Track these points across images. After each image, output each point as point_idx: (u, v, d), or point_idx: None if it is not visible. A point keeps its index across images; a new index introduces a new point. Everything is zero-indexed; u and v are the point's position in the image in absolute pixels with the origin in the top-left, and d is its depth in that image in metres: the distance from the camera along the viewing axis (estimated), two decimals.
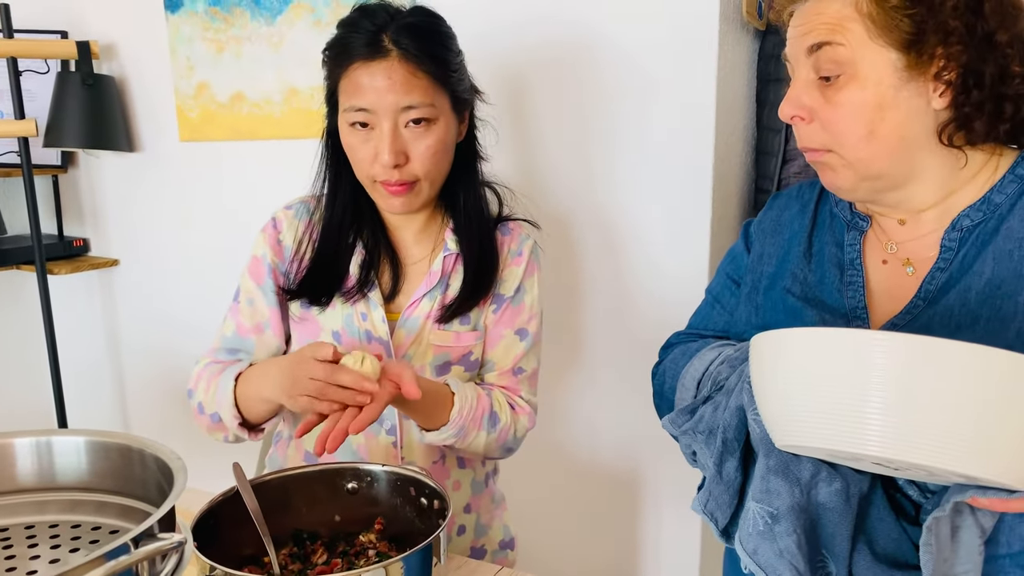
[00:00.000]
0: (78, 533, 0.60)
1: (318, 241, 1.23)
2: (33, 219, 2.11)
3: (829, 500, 0.82)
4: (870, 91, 0.87)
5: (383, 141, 1.12)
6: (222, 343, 1.27)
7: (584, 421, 1.77)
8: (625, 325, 1.68)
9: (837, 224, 1.03)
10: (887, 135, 0.88)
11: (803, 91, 0.92)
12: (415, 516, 1.03)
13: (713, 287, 1.17)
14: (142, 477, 0.60)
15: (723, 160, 1.58)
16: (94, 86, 2.08)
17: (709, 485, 0.92)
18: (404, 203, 1.17)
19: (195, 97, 2.04)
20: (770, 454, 0.84)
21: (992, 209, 0.91)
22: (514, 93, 1.68)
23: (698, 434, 0.95)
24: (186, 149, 2.12)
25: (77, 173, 2.36)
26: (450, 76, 1.15)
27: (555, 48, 1.62)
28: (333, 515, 1.06)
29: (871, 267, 0.98)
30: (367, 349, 1.21)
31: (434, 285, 1.22)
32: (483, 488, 1.34)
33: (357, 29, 1.13)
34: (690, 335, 1.17)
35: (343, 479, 1.05)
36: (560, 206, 1.69)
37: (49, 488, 0.62)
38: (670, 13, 1.50)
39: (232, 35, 1.96)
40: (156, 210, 2.24)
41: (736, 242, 1.17)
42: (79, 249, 2.37)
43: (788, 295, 1.01)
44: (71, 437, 0.62)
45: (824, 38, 0.88)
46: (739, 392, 0.90)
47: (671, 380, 1.09)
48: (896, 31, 0.86)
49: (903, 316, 0.92)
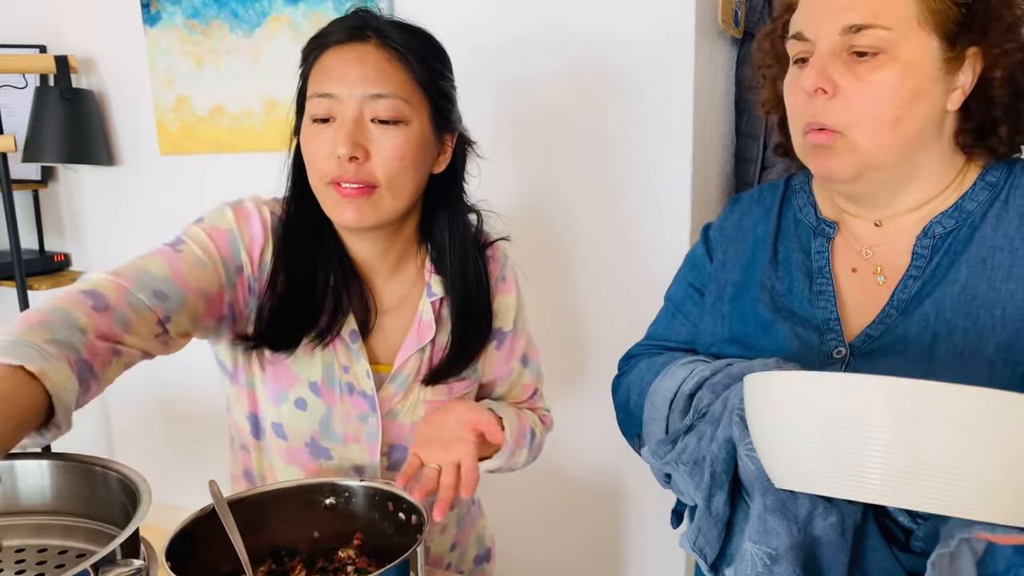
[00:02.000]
0: (44, 558, 0.60)
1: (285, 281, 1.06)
2: (12, 234, 2.09)
3: (825, 534, 0.80)
4: (910, 77, 0.83)
5: (341, 129, 0.99)
6: (144, 278, 0.96)
7: (568, 435, 1.77)
8: (607, 336, 1.68)
9: (802, 230, 1.01)
10: (910, 126, 0.85)
11: (830, 62, 0.85)
12: (393, 531, 1.03)
13: (673, 295, 1.12)
14: (106, 499, 0.59)
15: (702, 167, 1.58)
16: (73, 100, 2.07)
17: (698, 521, 0.89)
18: (357, 212, 1.01)
19: (174, 110, 2.04)
20: (767, 492, 0.81)
21: (964, 216, 0.90)
22: (491, 110, 1.68)
23: (681, 465, 0.91)
24: (166, 163, 2.12)
25: (57, 187, 2.34)
26: (433, 81, 1.04)
27: (532, 60, 1.63)
28: (311, 531, 1.05)
29: (840, 275, 0.96)
30: (348, 403, 1.11)
31: (427, 340, 1.12)
32: (464, 517, 1.30)
33: (341, 21, 1.05)
34: (652, 347, 1.12)
35: (321, 495, 1.04)
36: (537, 215, 1.69)
37: (14, 512, 0.61)
38: (646, 23, 1.51)
39: (211, 48, 1.95)
40: (137, 224, 2.23)
41: (695, 247, 1.12)
42: (60, 264, 2.35)
43: (757, 304, 0.99)
44: (33, 461, 0.61)
45: (867, 20, 0.83)
46: (727, 424, 0.87)
47: (637, 396, 1.06)
48: (944, 18, 0.83)
49: (877, 327, 0.91)
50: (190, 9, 1.95)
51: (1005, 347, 0.83)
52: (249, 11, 1.89)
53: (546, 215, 1.68)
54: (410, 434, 1.14)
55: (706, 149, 1.59)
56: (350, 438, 1.13)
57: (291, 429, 1.13)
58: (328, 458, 1.15)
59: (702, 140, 1.56)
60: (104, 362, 0.85)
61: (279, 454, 1.17)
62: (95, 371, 0.83)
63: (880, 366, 0.89)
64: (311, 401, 1.11)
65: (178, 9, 1.97)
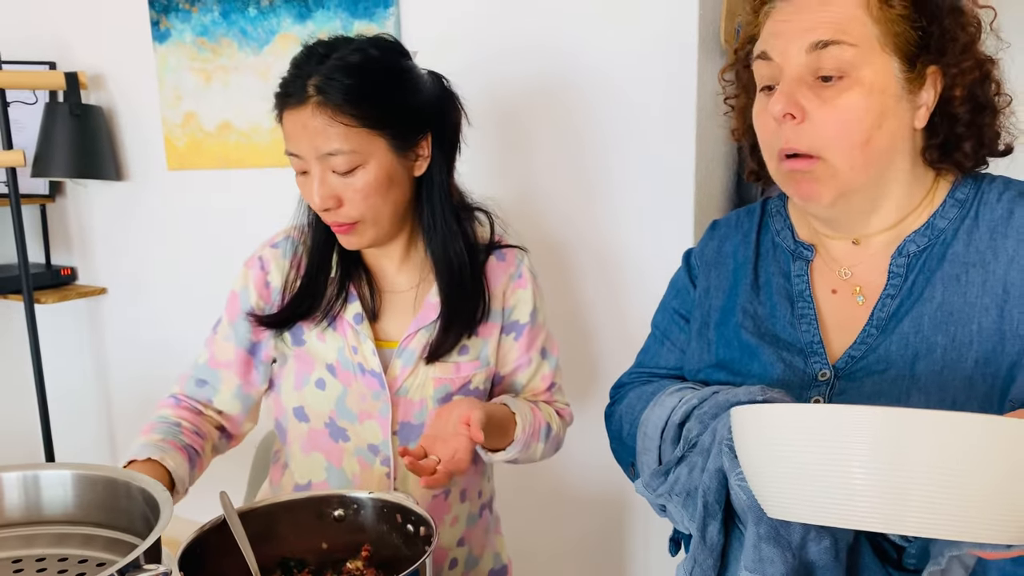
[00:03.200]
0: (65, 567, 0.61)
1: (304, 272, 1.23)
2: (20, 249, 2.11)
3: (819, 559, 0.81)
4: (875, 98, 0.85)
5: (312, 186, 1.11)
6: (194, 371, 1.27)
7: (572, 447, 1.78)
8: (612, 349, 1.69)
9: (781, 254, 1.02)
10: (880, 146, 0.87)
11: (797, 88, 0.86)
12: (402, 543, 1.04)
13: (660, 322, 1.14)
14: (128, 509, 0.60)
15: (704, 185, 1.60)
16: (82, 116, 2.10)
17: (694, 551, 0.90)
18: (351, 242, 1.17)
19: (183, 126, 2.06)
20: (760, 521, 0.82)
21: (936, 234, 0.92)
22: (497, 119, 1.70)
23: (674, 496, 0.93)
24: (174, 178, 2.14)
25: (65, 202, 2.37)
26: (384, 118, 1.11)
27: (537, 76, 1.65)
28: (320, 542, 1.06)
29: (821, 297, 0.97)
30: (361, 382, 1.21)
31: (432, 319, 1.21)
32: (477, 519, 1.33)
33: (290, 73, 1.13)
34: (642, 374, 1.13)
35: (330, 506, 1.06)
36: (543, 232, 1.71)
37: (36, 522, 0.63)
38: (650, 42, 1.53)
39: (219, 65, 1.98)
40: (143, 239, 2.25)
41: (678, 273, 1.13)
42: (67, 278, 2.37)
43: (741, 330, 1.00)
44: (58, 471, 0.62)
45: (832, 36, 0.84)
46: (716, 454, 0.88)
47: (629, 426, 1.07)
48: (903, 40, 0.85)
49: (859, 347, 0.92)
50: (199, 27, 1.98)
51: (983, 361, 0.84)
52: (258, 29, 1.92)
53: (549, 232, 1.70)
54: (419, 412, 1.22)
55: (708, 167, 1.61)
56: (364, 416, 1.22)
57: (311, 410, 1.24)
58: (346, 439, 1.24)
59: (704, 158, 1.58)
60: (199, 444, 1.20)
61: (300, 444, 1.28)
62: (197, 451, 1.18)
63: (865, 386, 0.90)
64: (329, 381, 1.22)
65: (187, 27, 2.00)
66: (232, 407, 1.27)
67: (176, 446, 1.14)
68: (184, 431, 1.19)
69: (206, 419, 1.26)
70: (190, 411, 1.24)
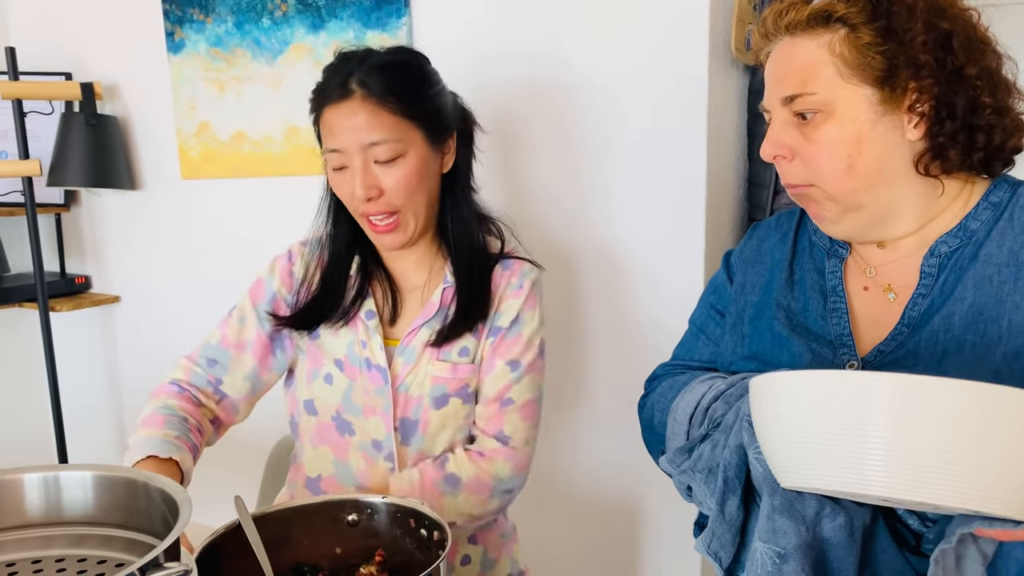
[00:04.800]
0: (84, 567, 0.61)
1: (324, 271, 1.28)
2: (36, 258, 2.13)
3: (833, 535, 0.82)
4: (847, 127, 0.90)
5: (355, 178, 1.17)
6: (203, 350, 1.31)
7: (585, 452, 1.78)
8: (625, 356, 1.69)
9: (817, 252, 1.06)
10: (866, 168, 0.91)
11: (782, 131, 0.95)
12: (415, 547, 1.04)
13: (697, 317, 1.18)
14: (147, 510, 0.61)
15: (715, 192, 1.61)
16: (97, 126, 2.12)
17: (712, 525, 0.91)
18: (393, 240, 1.22)
19: (197, 136, 2.08)
20: (774, 493, 0.84)
21: (968, 235, 0.94)
22: (507, 127, 1.71)
23: (697, 473, 0.94)
24: (187, 187, 2.15)
25: (79, 211, 2.38)
26: (420, 110, 1.19)
27: (548, 84, 1.66)
28: (333, 547, 1.07)
29: (853, 294, 1.00)
30: (366, 377, 1.25)
31: (432, 315, 1.25)
32: (491, 523, 1.34)
33: (329, 75, 1.20)
34: (676, 367, 1.16)
35: (343, 511, 1.06)
36: (556, 239, 1.71)
37: (56, 523, 0.63)
38: (660, 50, 1.54)
39: (233, 75, 2.00)
40: (157, 247, 2.26)
41: (718, 272, 1.17)
42: (81, 286, 2.39)
43: (774, 323, 1.03)
44: (78, 472, 0.63)
45: (796, 90, 0.92)
46: (738, 431, 0.90)
47: (660, 414, 1.09)
48: (869, 68, 0.89)
49: (889, 343, 0.94)
50: (213, 37, 2.00)
51: (1011, 356, 0.86)
52: (271, 40, 1.94)
53: (560, 240, 1.71)
54: (417, 408, 1.25)
55: (719, 174, 1.62)
56: (368, 410, 1.26)
57: (320, 403, 1.29)
58: (351, 433, 1.27)
59: (715, 166, 1.59)
60: (199, 441, 1.24)
61: (309, 438, 1.32)
62: (198, 448, 1.23)
63: None
64: (336, 376, 1.26)
65: (201, 38, 2.01)
66: (239, 389, 1.30)
67: (187, 445, 1.19)
68: (191, 428, 1.23)
69: (204, 412, 1.29)
70: (192, 403, 1.28)
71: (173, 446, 1.15)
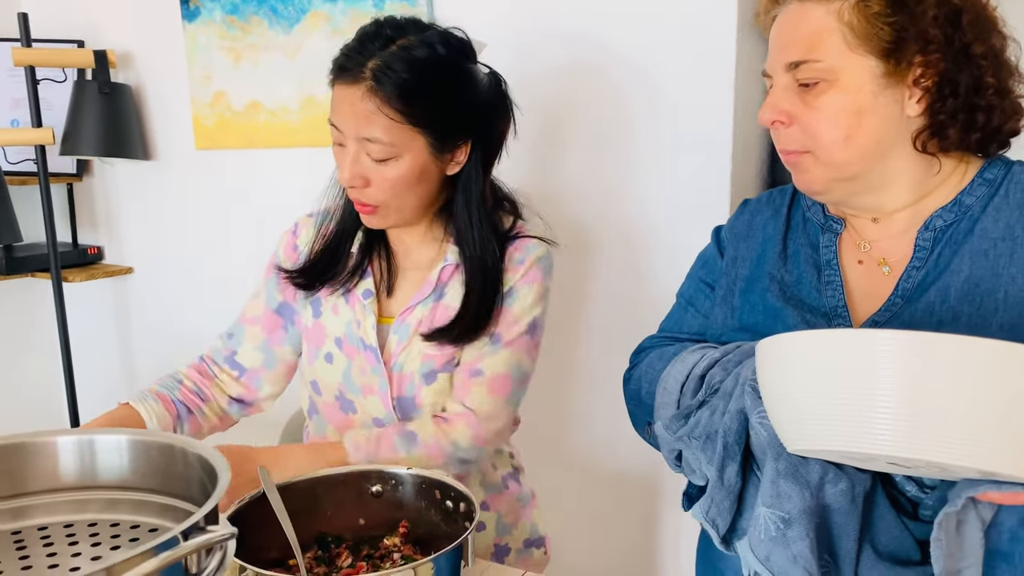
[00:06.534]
0: (117, 531, 0.60)
1: (328, 240, 1.27)
2: (49, 227, 2.12)
3: (835, 501, 0.83)
4: (850, 97, 0.91)
5: (345, 162, 1.14)
6: (230, 324, 1.35)
7: (602, 424, 1.77)
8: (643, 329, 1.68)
9: (811, 227, 1.06)
10: (863, 139, 0.92)
11: (782, 96, 0.95)
12: (440, 519, 1.03)
13: (685, 290, 1.18)
14: (185, 475, 0.60)
15: (740, 165, 1.59)
16: (111, 95, 2.10)
17: (711, 491, 0.92)
18: (372, 221, 1.20)
19: (211, 105, 2.06)
20: (779, 458, 0.84)
21: (963, 211, 0.95)
22: (530, 102, 1.69)
23: (693, 439, 0.94)
24: (202, 157, 2.14)
25: (92, 181, 2.37)
26: (429, 118, 1.12)
27: (573, 57, 1.63)
28: (357, 518, 1.06)
29: (847, 267, 1.01)
30: (363, 356, 1.23)
31: (428, 294, 1.22)
32: (502, 489, 1.34)
33: (352, 47, 1.13)
34: (664, 339, 1.16)
35: (368, 482, 1.06)
36: (581, 215, 1.69)
37: (90, 487, 0.62)
38: (687, 20, 1.51)
39: (249, 44, 1.97)
40: (171, 218, 2.25)
41: (707, 246, 1.18)
42: (93, 257, 2.38)
43: (767, 295, 1.03)
44: (113, 436, 0.62)
45: (801, 56, 0.92)
46: (739, 395, 0.90)
47: (648, 385, 1.09)
48: (876, 39, 0.89)
49: (883, 313, 0.95)
50: (229, 5, 1.97)
51: (1008, 327, 0.87)
52: (288, 7, 1.91)
53: (584, 217, 1.69)
54: (410, 385, 1.23)
55: (745, 147, 1.59)
56: (367, 390, 1.25)
57: (323, 383, 1.28)
58: (354, 411, 1.27)
59: (740, 138, 1.56)
60: (194, 404, 1.29)
61: (316, 418, 1.33)
62: (190, 409, 1.28)
63: None
64: (336, 355, 1.26)
65: (217, 5, 1.99)
66: (254, 360, 1.32)
67: (165, 398, 1.25)
68: (183, 388, 1.29)
69: (216, 383, 1.32)
70: (202, 374, 1.32)
71: (146, 395, 1.25)
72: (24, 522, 0.59)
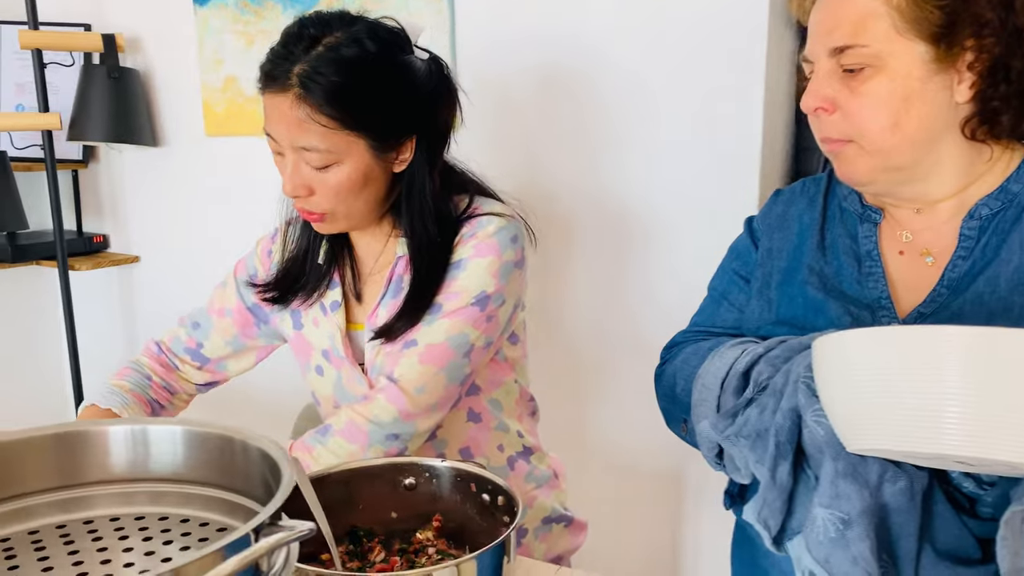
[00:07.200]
0: (167, 526, 0.58)
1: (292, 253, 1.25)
2: (56, 215, 2.08)
3: (895, 500, 0.80)
4: (898, 83, 0.88)
5: (286, 172, 1.10)
6: (194, 313, 1.34)
7: (627, 418, 1.75)
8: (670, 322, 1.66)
9: (848, 217, 1.04)
10: (911, 127, 0.89)
11: (825, 82, 0.92)
12: (476, 512, 1.01)
13: (718, 284, 1.15)
14: (244, 469, 0.57)
15: (768, 158, 1.57)
16: (120, 79, 2.06)
17: (763, 492, 0.89)
18: (322, 228, 1.17)
19: (223, 91, 2.02)
20: (838, 457, 0.82)
21: (1009, 198, 0.93)
22: (558, 89, 1.66)
23: (741, 439, 0.91)
24: (212, 144, 2.10)
25: (97, 168, 2.33)
26: (367, 120, 1.07)
27: (602, 49, 1.61)
28: (389, 512, 1.03)
29: (888, 258, 0.99)
30: (348, 367, 1.22)
31: (385, 292, 1.20)
32: (508, 471, 1.31)
33: (276, 52, 1.08)
34: (698, 333, 1.14)
35: (401, 474, 1.03)
36: (607, 202, 1.67)
37: (139, 479, 0.60)
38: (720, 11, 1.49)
39: (263, 28, 1.93)
40: (179, 206, 2.21)
41: (740, 238, 1.15)
42: (98, 245, 2.34)
43: (807, 287, 1.01)
44: (167, 426, 0.59)
45: (847, 41, 0.88)
46: (792, 394, 0.87)
47: (684, 381, 1.06)
48: (926, 23, 0.87)
49: (928, 304, 0.93)
50: None
51: None
52: None
53: (611, 207, 1.67)
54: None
55: (773, 138, 1.57)
56: (361, 399, 1.19)
57: (320, 394, 1.27)
58: None
59: (771, 129, 1.54)
60: (165, 399, 1.29)
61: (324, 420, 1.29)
62: (162, 404, 1.28)
63: None
64: (325, 368, 1.24)
65: None
66: (222, 351, 1.32)
67: (139, 398, 1.23)
68: (153, 385, 1.28)
69: (180, 376, 1.32)
70: (164, 366, 1.31)
71: (118, 396, 1.21)
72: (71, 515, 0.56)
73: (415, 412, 1.14)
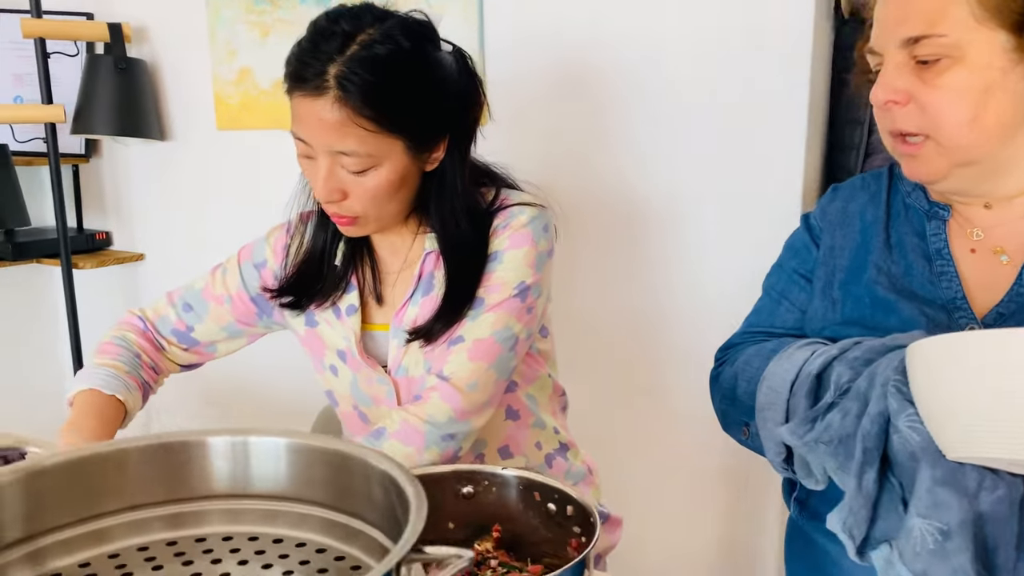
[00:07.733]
0: (284, 550, 0.53)
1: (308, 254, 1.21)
2: (59, 211, 2.01)
3: (992, 509, 0.77)
4: (977, 75, 0.84)
5: (318, 176, 1.05)
6: (185, 293, 1.27)
7: (688, 414, 1.73)
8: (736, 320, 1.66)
9: (914, 214, 1.01)
10: (990, 121, 0.86)
11: (896, 74, 0.88)
12: (540, 523, 0.97)
13: (776, 283, 1.11)
14: (363, 490, 0.52)
15: (809, 159, 1.54)
16: (127, 70, 1.99)
17: (849, 501, 0.86)
18: (351, 231, 1.13)
19: (236, 83, 1.96)
20: (936, 464, 0.78)
21: None
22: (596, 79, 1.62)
23: (822, 444, 0.88)
24: (223, 138, 2.04)
25: (100, 163, 2.25)
26: (405, 121, 1.04)
27: (639, 38, 1.58)
28: (446, 522, 0.99)
29: (959, 256, 0.96)
30: (366, 367, 1.18)
31: (415, 289, 1.16)
32: (546, 470, 1.29)
33: (306, 50, 1.03)
34: (756, 334, 1.10)
35: (460, 483, 0.99)
36: (648, 200, 1.65)
37: (241, 495, 0.55)
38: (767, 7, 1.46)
39: (278, 18, 1.88)
40: (187, 203, 2.14)
41: (796, 235, 1.12)
42: (101, 243, 2.26)
43: (876, 287, 0.98)
44: (271, 439, 0.54)
45: (923, 31, 0.85)
46: (879, 398, 0.84)
47: (746, 383, 1.03)
48: (1008, 11, 0.83)
49: (1007, 304, 0.90)
50: None
51: None
52: None
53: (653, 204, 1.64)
54: (421, 385, 1.15)
55: (811, 137, 1.54)
56: (376, 400, 1.20)
57: (337, 393, 1.24)
58: (368, 422, 1.22)
59: (813, 125, 1.52)
60: (152, 379, 1.24)
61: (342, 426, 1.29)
62: (150, 385, 1.23)
63: None
64: (340, 368, 1.21)
65: None
66: (215, 335, 1.27)
67: (137, 383, 1.18)
68: (143, 365, 1.22)
69: (165, 356, 1.27)
70: (151, 343, 1.25)
71: (121, 383, 1.15)
72: (181, 532, 0.52)
73: (470, 410, 1.10)
